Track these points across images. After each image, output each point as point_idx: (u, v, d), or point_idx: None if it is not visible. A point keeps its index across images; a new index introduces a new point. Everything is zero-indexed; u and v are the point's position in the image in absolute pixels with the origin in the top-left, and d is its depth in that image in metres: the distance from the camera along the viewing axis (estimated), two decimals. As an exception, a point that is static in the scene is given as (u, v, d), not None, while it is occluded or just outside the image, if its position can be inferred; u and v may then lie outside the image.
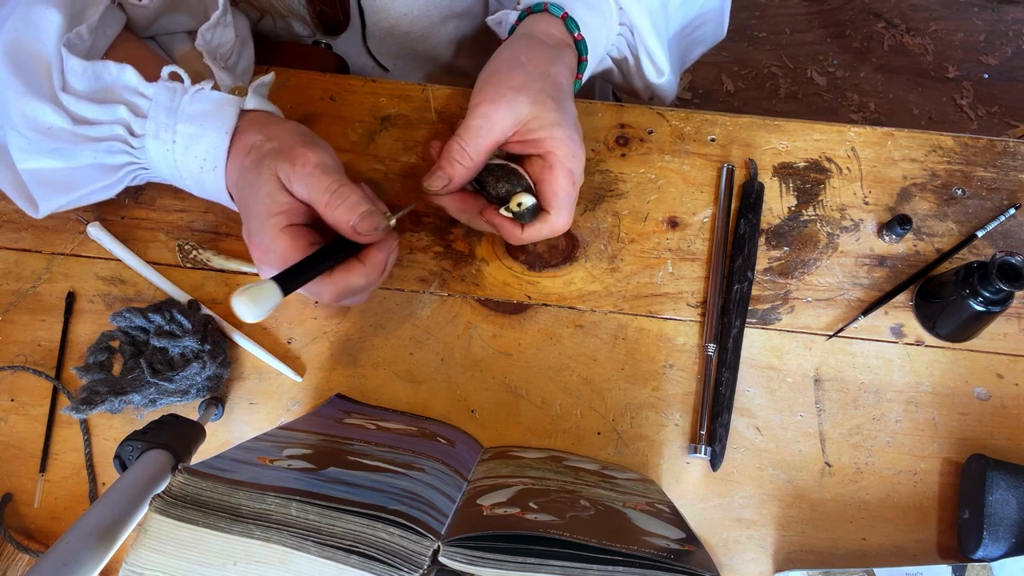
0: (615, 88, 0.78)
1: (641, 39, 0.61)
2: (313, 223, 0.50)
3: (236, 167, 0.50)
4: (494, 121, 0.50)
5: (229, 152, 0.51)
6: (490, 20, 0.62)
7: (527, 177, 0.52)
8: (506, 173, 0.52)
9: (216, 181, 0.51)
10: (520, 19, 0.58)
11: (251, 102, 0.52)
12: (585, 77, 0.58)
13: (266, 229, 0.47)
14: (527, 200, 0.52)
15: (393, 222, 0.50)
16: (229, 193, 0.52)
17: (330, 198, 0.47)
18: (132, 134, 0.51)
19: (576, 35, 0.56)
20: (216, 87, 0.52)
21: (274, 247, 0.47)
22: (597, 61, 0.60)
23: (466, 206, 0.54)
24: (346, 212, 0.47)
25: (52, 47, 0.50)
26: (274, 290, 0.43)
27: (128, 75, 0.51)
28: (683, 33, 0.67)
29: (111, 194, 0.55)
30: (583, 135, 0.53)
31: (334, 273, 0.48)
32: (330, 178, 0.47)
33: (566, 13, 0.56)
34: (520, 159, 0.54)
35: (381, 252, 0.49)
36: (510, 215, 0.52)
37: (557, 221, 0.53)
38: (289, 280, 0.45)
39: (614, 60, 0.65)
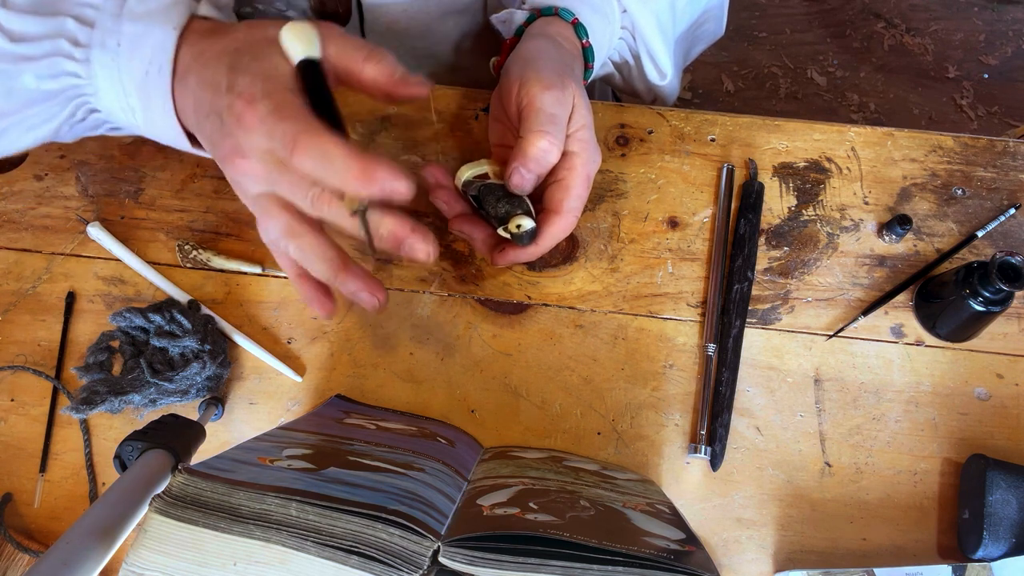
0: (615, 90, 0.78)
1: (644, 42, 0.61)
2: None
3: (198, 55, 0.45)
4: (567, 107, 0.48)
5: (179, 50, 0.45)
6: (495, 18, 0.62)
7: (527, 200, 0.52)
8: (507, 194, 0.51)
9: (161, 88, 0.46)
10: (529, 21, 0.57)
11: (205, 9, 0.47)
12: (587, 83, 0.58)
13: (275, 75, 0.42)
14: (527, 223, 0.50)
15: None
16: (175, 106, 0.46)
17: (370, 52, 0.45)
18: (76, 45, 0.46)
19: (584, 42, 0.56)
20: None
21: (272, 92, 0.41)
22: (599, 66, 0.60)
23: (475, 231, 0.54)
24: (390, 66, 0.45)
25: None
26: (314, 47, 0.42)
27: None
28: (688, 32, 0.67)
29: (50, 129, 0.49)
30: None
31: (326, 131, 0.40)
32: (361, 40, 0.46)
33: (576, 19, 0.55)
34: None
35: (383, 167, 0.40)
36: (508, 235, 0.51)
37: (567, 222, 0.51)
38: (315, 71, 0.43)
39: (615, 64, 0.65)
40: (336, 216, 0.43)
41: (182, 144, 0.49)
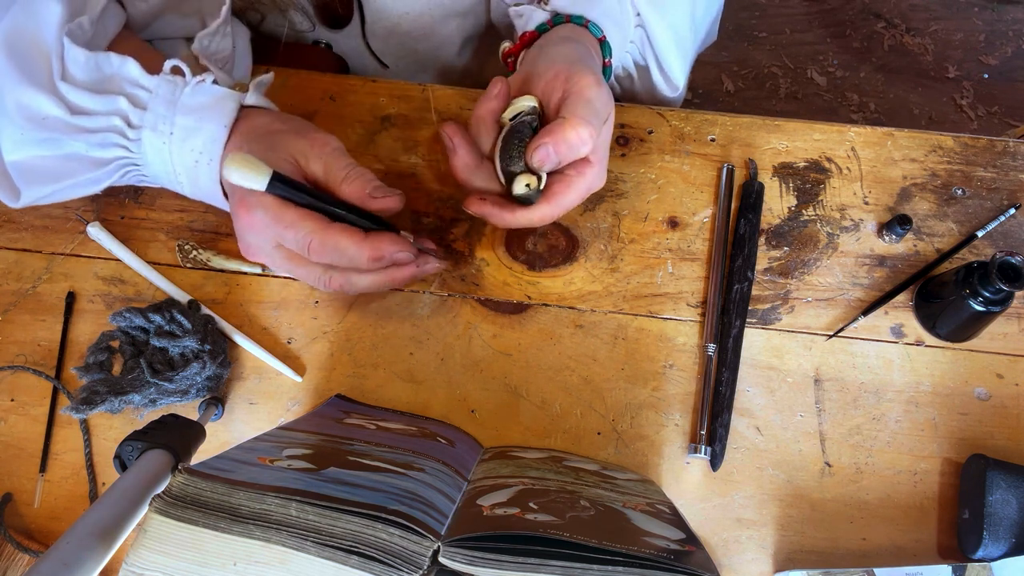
0: (615, 99, 0.78)
1: (658, 55, 0.61)
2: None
3: (236, 148, 0.50)
4: (609, 108, 0.49)
5: (228, 139, 0.50)
6: (512, 11, 0.61)
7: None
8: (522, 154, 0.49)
9: (210, 175, 0.51)
10: (555, 22, 0.56)
11: (251, 98, 0.52)
12: None
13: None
14: (539, 186, 0.49)
15: (411, 238, 0.51)
16: (222, 188, 0.52)
17: (348, 173, 0.49)
18: (129, 125, 0.51)
19: (607, 60, 0.56)
20: (216, 82, 0.52)
21: (266, 201, 0.46)
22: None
23: (479, 169, 0.51)
24: (363, 183, 0.48)
25: (52, 36, 0.50)
26: (265, 171, 0.45)
27: (130, 67, 0.50)
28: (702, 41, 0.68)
29: (96, 189, 0.54)
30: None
31: (331, 226, 0.47)
32: (349, 159, 0.50)
33: (604, 37, 0.55)
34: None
35: (389, 245, 0.47)
36: (522, 189, 0.49)
37: (549, 211, 0.50)
38: (283, 181, 0.46)
39: (616, 76, 0.65)
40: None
41: (227, 208, 0.54)
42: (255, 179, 0.45)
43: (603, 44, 0.56)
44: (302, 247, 0.47)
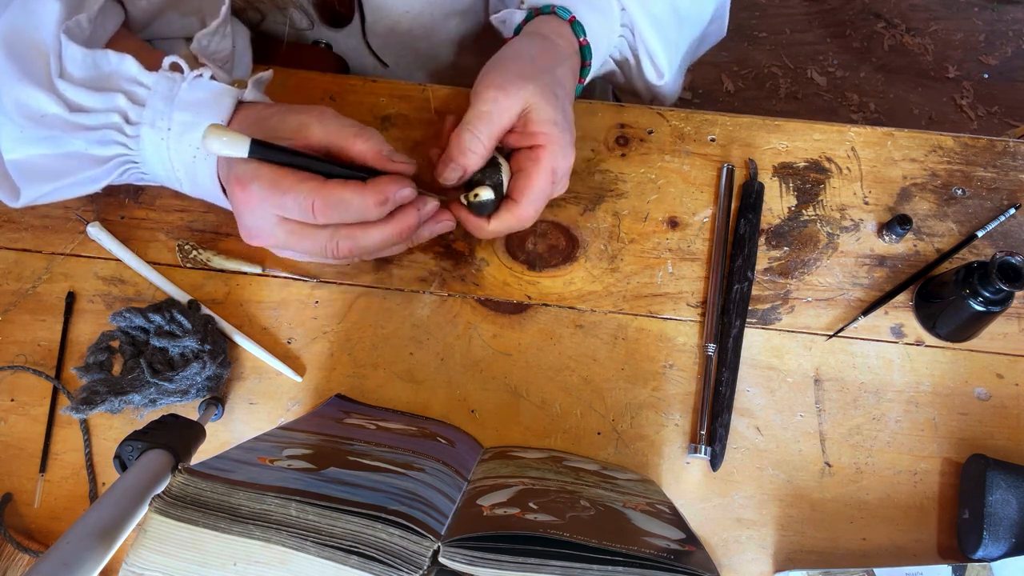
0: (616, 89, 0.78)
1: (642, 41, 0.61)
2: None
3: None
4: (504, 107, 0.49)
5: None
6: (494, 18, 0.62)
7: (503, 174, 0.52)
8: (487, 164, 0.52)
9: (208, 170, 0.51)
10: (527, 20, 0.58)
11: (250, 94, 0.52)
12: (587, 81, 0.58)
13: (254, 159, 0.46)
14: (485, 195, 0.51)
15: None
16: (221, 185, 0.52)
17: (359, 131, 0.48)
18: (128, 122, 0.51)
19: (582, 40, 0.56)
20: (214, 78, 0.52)
21: (260, 172, 0.45)
22: (600, 64, 0.60)
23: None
24: (379, 143, 0.48)
25: (50, 35, 0.50)
26: (243, 141, 0.44)
27: (128, 64, 0.50)
28: (700, 35, 0.68)
29: (96, 187, 0.53)
30: (581, 136, 0.53)
31: (329, 182, 0.46)
32: (352, 120, 0.49)
33: (573, 17, 0.56)
34: (509, 153, 0.54)
35: (391, 184, 0.47)
36: (465, 203, 0.52)
37: (524, 212, 0.52)
38: (265, 146, 0.45)
39: (616, 62, 0.65)
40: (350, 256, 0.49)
41: (227, 206, 0.54)
42: (235, 145, 0.44)
43: (574, 24, 0.56)
44: (305, 209, 0.45)
